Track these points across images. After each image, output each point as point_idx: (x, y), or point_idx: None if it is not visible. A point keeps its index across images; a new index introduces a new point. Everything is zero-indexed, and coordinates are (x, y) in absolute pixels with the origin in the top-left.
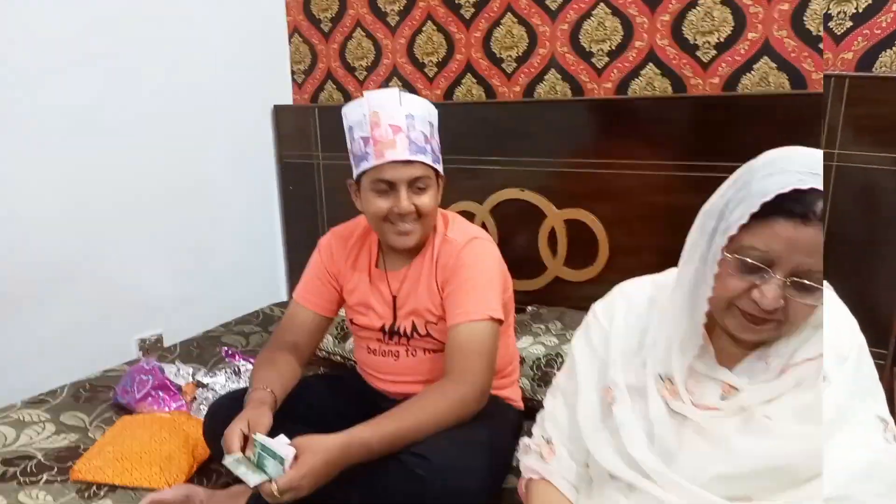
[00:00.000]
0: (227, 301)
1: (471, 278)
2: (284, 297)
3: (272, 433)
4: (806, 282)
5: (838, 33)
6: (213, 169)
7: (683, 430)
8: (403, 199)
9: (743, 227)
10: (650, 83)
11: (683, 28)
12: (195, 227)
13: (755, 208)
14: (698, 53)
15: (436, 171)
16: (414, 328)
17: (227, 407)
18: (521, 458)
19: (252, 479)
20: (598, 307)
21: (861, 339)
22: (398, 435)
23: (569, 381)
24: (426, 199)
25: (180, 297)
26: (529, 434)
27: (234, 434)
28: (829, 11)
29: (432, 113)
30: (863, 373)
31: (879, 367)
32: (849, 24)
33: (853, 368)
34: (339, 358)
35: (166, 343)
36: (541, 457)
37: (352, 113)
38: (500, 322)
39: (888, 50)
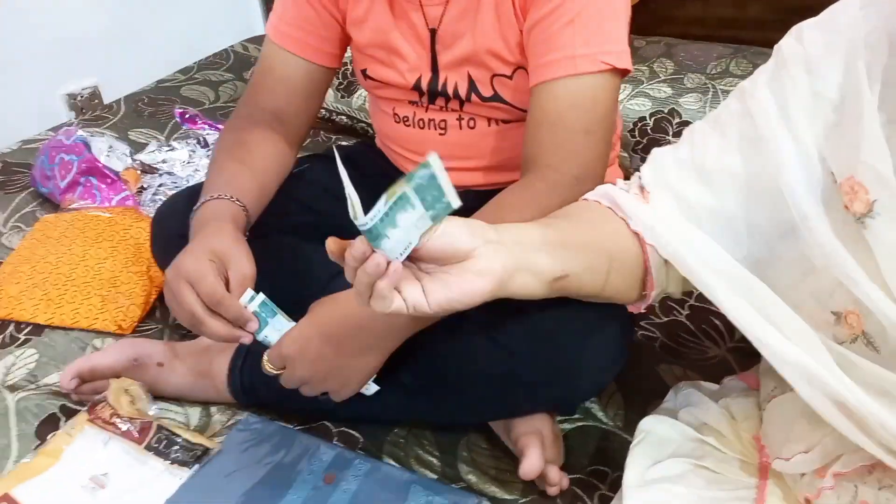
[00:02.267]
0: (183, 37)
1: None
2: (261, 29)
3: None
4: None
5: None
6: None
7: None
8: None
9: None
10: None
11: None
12: None
13: None
14: None
15: None
16: (472, 86)
17: (187, 211)
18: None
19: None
20: (807, 33)
21: None
22: None
23: (742, 153)
24: None
25: (120, 32)
26: None
27: (206, 277)
28: None
29: None
30: None
31: None
32: None
33: None
34: (344, 119)
35: (105, 98)
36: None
37: None
38: (625, 73)
39: None
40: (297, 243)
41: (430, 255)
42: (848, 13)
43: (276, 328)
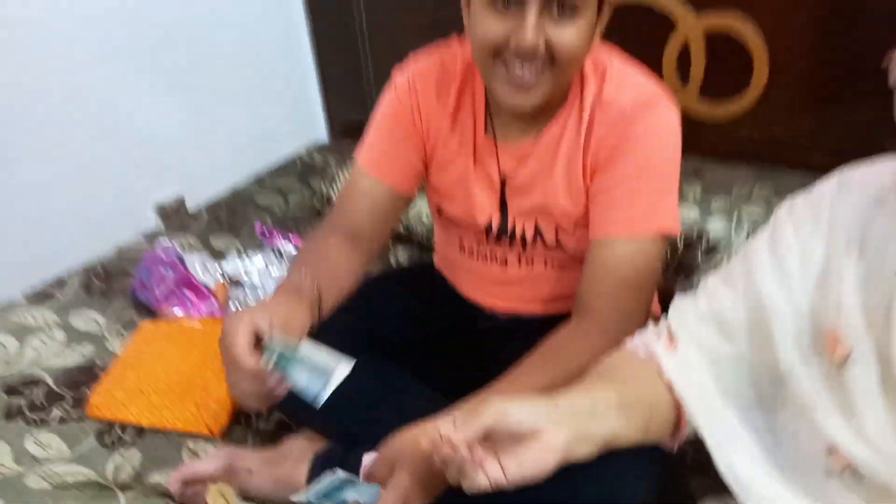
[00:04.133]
0: (256, 147)
1: (642, 169)
2: (324, 137)
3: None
4: None
5: None
6: None
7: None
8: (529, 28)
9: None
10: None
11: None
12: (210, 58)
13: None
14: None
15: None
16: (537, 233)
17: None
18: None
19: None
20: (798, 205)
21: None
22: None
23: (746, 307)
24: (570, 35)
25: (201, 146)
26: None
27: (237, 334)
28: None
29: None
30: None
31: None
32: None
33: None
34: (401, 230)
35: (189, 205)
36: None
37: None
38: (672, 237)
39: None
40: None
41: (502, 435)
42: (830, 193)
43: (306, 371)
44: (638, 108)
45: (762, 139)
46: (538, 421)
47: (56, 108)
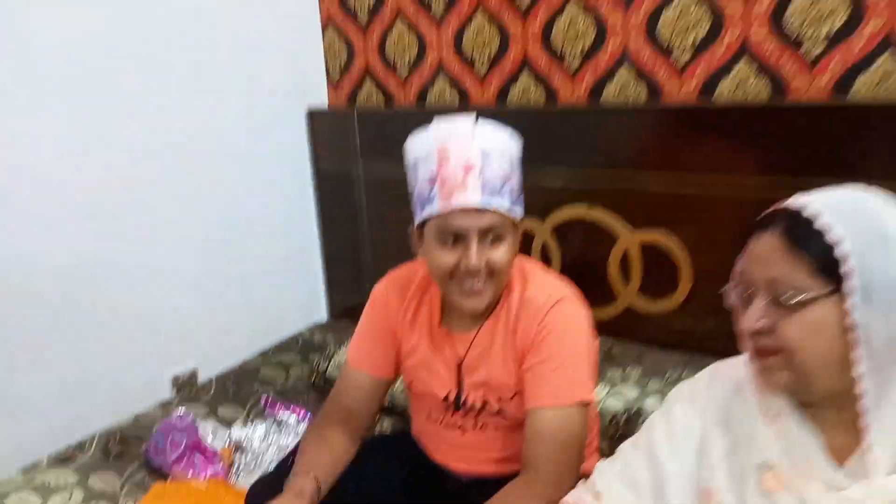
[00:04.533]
0: (263, 325)
1: (558, 352)
2: (324, 317)
3: None
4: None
5: None
6: (243, 182)
7: None
8: (473, 255)
9: None
10: (742, 83)
11: (785, 21)
12: (226, 247)
13: None
14: (804, 48)
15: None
16: (485, 403)
17: (272, 486)
18: None
19: None
20: (684, 390)
21: None
22: None
23: (648, 470)
24: (500, 254)
25: (214, 325)
26: None
27: None
28: None
29: (513, 146)
30: None
31: None
32: None
33: None
34: (386, 402)
35: (201, 377)
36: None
37: (416, 146)
38: (589, 404)
39: None
40: None
41: None
42: (704, 381)
43: None
44: (551, 304)
45: (692, 331)
46: None
47: (89, 289)
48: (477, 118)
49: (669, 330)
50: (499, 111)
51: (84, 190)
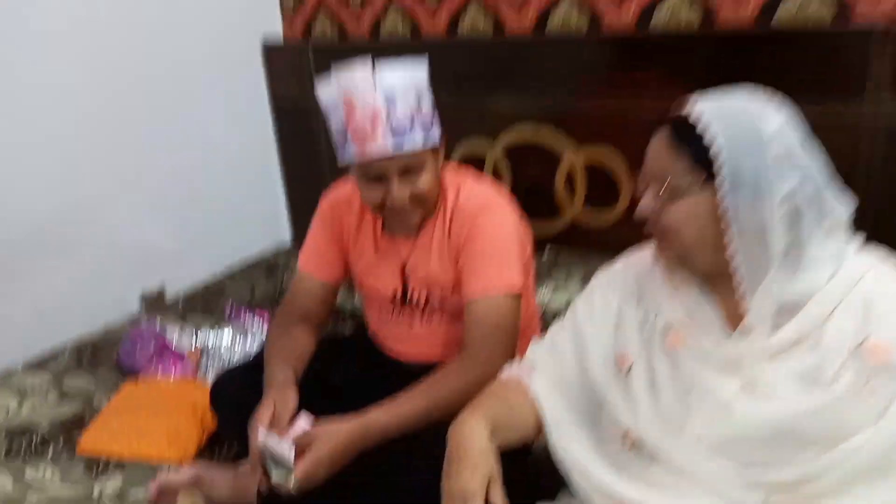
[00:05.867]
0: (229, 246)
1: (487, 248)
2: (288, 239)
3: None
4: None
5: None
6: (205, 111)
7: (688, 395)
8: (395, 191)
9: None
10: (675, 14)
11: None
12: (191, 172)
13: None
14: None
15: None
16: (428, 298)
17: (236, 380)
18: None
19: (274, 474)
20: (602, 276)
21: None
22: (415, 416)
23: (572, 343)
24: (423, 182)
25: (180, 245)
26: None
27: (259, 424)
28: None
29: (417, 78)
30: None
31: None
32: None
33: None
34: (346, 309)
35: (169, 294)
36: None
37: (324, 96)
38: (519, 294)
39: None
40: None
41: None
42: (623, 264)
43: (278, 474)
44: (479, 209)
45: (632, 240)
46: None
47: (58, 216)
48: (374, 63)
49: (611, 240)
50: (449, 42)
51: (49, 119)
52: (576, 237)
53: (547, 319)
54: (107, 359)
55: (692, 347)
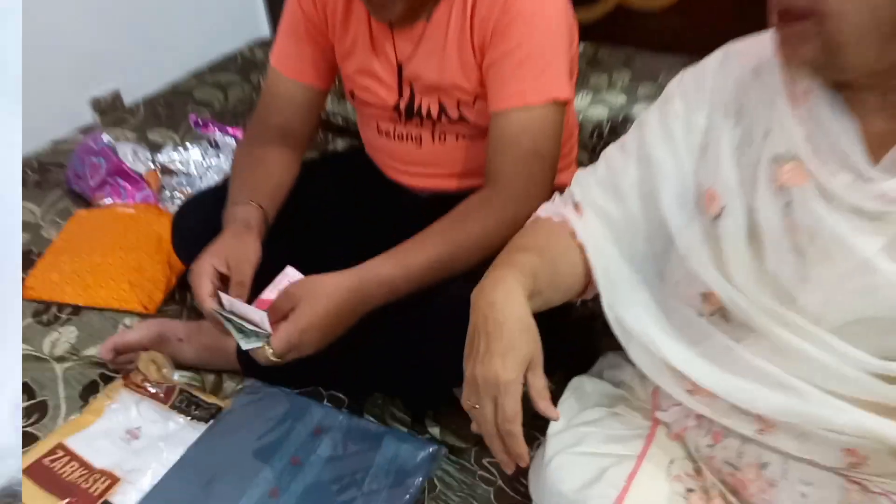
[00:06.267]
0: (195, 43)
1: (527, 41)
2: (267, 33)
3: (273, 263)
4: None
5: None
6: None
7: (807, 251)
8: None
9: None
10: None
11: None
12: None
13: None
14: None
15: None
16: (441, 109)
17: (203, 208)
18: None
19: (243, 342)
20: (686, 80)
21: None
22: (432, 267)
23: (637, 172)
24: None
25: (138, 42)
26: None
27: (201, 279)
28: None
29: None
30: None
31: None
32: None
33: None
34: (339, 120)
35: (126, 101)
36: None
37: None
38: (564, 105)
39: None
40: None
41: None
42: (713, 65)
43: (239, 331)
44: None
45: (689, 30)
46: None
47: None
48: None
49: (663, 30)
50: None
51: None
52: (620, 27)
53: (582, 138)
54: (57, 181)
55: (816, 185)
